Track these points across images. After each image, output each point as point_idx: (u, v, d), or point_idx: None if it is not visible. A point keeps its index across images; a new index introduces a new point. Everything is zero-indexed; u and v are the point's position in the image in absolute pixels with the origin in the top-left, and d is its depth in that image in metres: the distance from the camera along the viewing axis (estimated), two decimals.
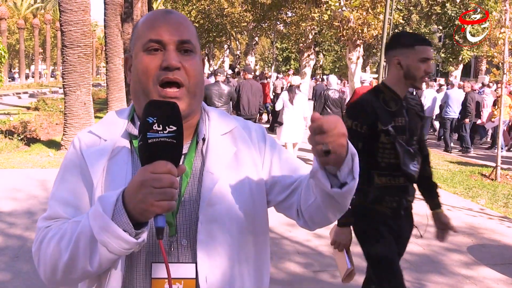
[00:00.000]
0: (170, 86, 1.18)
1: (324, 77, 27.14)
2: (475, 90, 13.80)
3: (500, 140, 9.31)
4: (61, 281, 1.17)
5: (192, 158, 1.25)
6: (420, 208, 3.63)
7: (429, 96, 14.51)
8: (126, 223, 1.05)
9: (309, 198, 1.20)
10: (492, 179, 8.88)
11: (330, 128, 1.00)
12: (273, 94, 18.87)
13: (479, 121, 13.47)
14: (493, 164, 9.38)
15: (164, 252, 1.04)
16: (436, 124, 15.63)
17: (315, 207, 1.20)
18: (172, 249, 1.21)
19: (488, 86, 15.11)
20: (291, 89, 9.14)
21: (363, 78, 11.82)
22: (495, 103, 12.44)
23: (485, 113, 13.14)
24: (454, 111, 13.13)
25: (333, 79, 10.29)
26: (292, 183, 1.31)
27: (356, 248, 2.91)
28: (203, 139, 1.28)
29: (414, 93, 15.69)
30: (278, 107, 9.32)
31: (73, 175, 1.25)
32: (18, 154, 9.83)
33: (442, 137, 13.92)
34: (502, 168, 9.22)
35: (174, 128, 1.03)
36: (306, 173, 1.30)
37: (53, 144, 10.99)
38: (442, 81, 18.57)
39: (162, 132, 1.02)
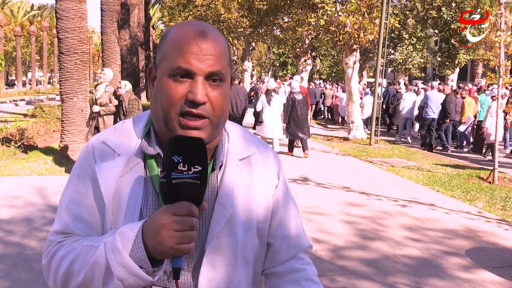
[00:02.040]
0: (192, 117, 1.13)
1: (317, 81, 27.25)
2: (471, 91, 14.37)
3: (497, 143, 9.31)
4: None
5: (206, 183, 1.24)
6: (415, 211, 3.65)
7: (409, 98, 15.73)
8: (144, 261, 1.04)
9: None
10: (490, 182, 8.89)
11: None
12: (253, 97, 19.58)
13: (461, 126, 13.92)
14: (491, 167, 9.40)
15: None
16: (416, 125, 16.56)
17: None
18: (171, 276, 1.20)
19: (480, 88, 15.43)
20: (268, 93, 10.79)
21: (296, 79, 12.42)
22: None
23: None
24: (433, 112, 13.92)
25: (295, 83, 11.39)
26: (279, 262, 1.36)
27: (355, 252, 2.93)
28: (219, 166, 1.25)
29: (394, 95, 15.89)
30: (258, 108, 11.00)
31: (85, 187, 1.22)
32: (15, 162, 9.81)
33: (420, 136, 14.99)
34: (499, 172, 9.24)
35: (199, 168, 1.00)
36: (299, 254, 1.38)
37: (50, 151, 10.96)
38: (420, 83, 18.98)
39: (187, 173, 0.99)
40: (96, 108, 8.39)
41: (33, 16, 59.27)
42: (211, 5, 28.65)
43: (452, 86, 14.26)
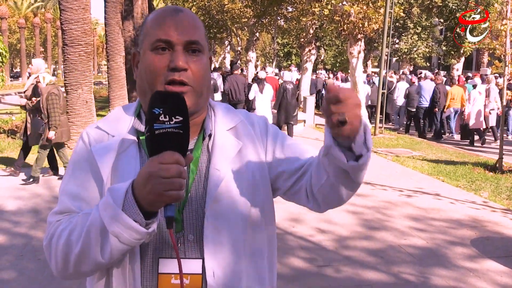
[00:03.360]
0: (176, 84, 1.19)
1: (319, 71, 27.21)
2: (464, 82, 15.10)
3: (502, 132, 9.27)
4: (73, 273, 1.19)
5: (198, 155, 1.26)
6: (420, 201, 3.65)
7: (402, 87, 16.36)
8: (136, 214, 1.06)
9: (321, 178, 1.21)
10: (495, 172, 8.86)
11: (346, 98, 1.00)
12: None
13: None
14: (496, 157, 9.36)
15: (174, 241, 1.06)
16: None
17: (329, 186, 1.20)
18: (179, 244, 1.21)
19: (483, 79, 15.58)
20: (260, 82, 11.63)
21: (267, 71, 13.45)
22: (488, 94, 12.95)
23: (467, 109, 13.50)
24: (426, 101, 14.67)
25: (287, 74, 12.74)
26: (300, 167, 1.31)
27: (360, 242, 2.93)
28: (209, 136, 1.29)
29: (386, 84, 16.06)
30: (251, 96, 11.78)
31: (83, 169, 1.26)
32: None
33: (410, 125, 15.89)
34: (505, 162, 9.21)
35: (181, 118, 1.04)
36: (314, 155, 1.31)
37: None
38: (428, 72, 19.21)
39: (168, 123, 1.02)
40: (22, 101, 7.72)
41: (37, 8, 59.14)
42: None
43: (456, 75, 14.44)
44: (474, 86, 13.60)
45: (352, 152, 1.09)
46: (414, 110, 15.16)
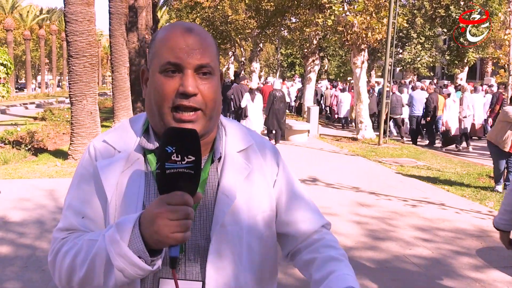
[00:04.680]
0: (185, 110, 1.17)
1: (319, 82, 27.34)
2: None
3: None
4: None
5: (206, 175, 1.25)
6: (425, 211, 3.63)
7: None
8: (142, 251, 1.07)
9: (303, 271, 1.34)
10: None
11: None
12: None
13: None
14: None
15: (176, 280, 1.06)
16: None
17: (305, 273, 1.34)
18: (180, 264, 1.21)
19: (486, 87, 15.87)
20: (252, 91, 12.63)
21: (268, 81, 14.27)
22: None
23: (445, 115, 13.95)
24: (418, 110, 15.08)
25: (277, 82, 14.13)
26: (301, 242, 1.38)
27: (365, 252, 2.92)
28: (219, 158, 1.28)
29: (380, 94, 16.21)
30: (243, 104, 12.78)
31: (88, 185, 1.26)
32: (25, 164, 9.88)
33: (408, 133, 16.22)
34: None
35: (193, 158, 1.02)
36: (312, 225, 1.39)
37: (60, 154, 11.04)
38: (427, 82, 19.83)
39: (180, 163, 1.01)
40: None
41: (42, 20, 59.66)
42: (218, 7, 28.63)
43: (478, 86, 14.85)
44: (448, 95, 14.48)
45: None
46: (397, 117, 15.72)
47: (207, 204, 1.24)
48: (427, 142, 15.30)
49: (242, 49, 36.84)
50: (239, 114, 13.78)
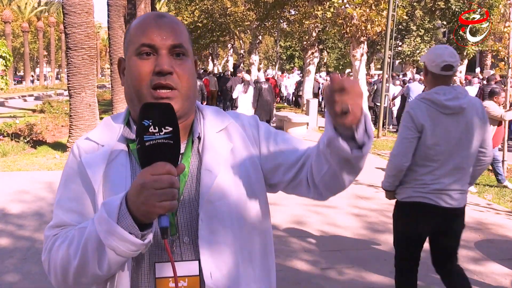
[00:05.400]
0: (162, 88, 1.20)
1: (317, 75, 27.34)
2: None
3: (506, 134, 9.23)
4: (73, 286, 1.20)
5: (189, 158, 1.27)
6: None
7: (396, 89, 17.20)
8: (131, 226, 1.07)
9: (322, 168, 1.22)
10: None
11: (350, 87, 1.01)
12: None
13: None
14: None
15: (169, 251, 1.06)
16: None
17: (331, 175, 1.22)
18: (174, 247, 1.22)
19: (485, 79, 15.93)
20: (244, 83, 13.10)
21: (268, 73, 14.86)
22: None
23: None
24: None
25: (261, 75, 14.56)
26: (298, 159, 1.32)
27: (364, 245, 2.92)
28: (199, 138, 1.30)
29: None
30: (234, 95, 13.35)
31: (75, 182, 1.27)
32: (24, 157, 9.88)
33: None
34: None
35: (170, 128, 1.04)
36: (309, 146, 1.34)
37: (59, 146, 11.03)
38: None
39: (158, 134, 1.03)
40: None
41: (40, 12, 59.45)
42: None
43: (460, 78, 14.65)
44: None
45: (354, 141, 1.10)
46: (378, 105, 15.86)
47: (193, 185, 1.26)
48: None
49: (241, 41, 36.73)
50: (232, 105, 14.45)
